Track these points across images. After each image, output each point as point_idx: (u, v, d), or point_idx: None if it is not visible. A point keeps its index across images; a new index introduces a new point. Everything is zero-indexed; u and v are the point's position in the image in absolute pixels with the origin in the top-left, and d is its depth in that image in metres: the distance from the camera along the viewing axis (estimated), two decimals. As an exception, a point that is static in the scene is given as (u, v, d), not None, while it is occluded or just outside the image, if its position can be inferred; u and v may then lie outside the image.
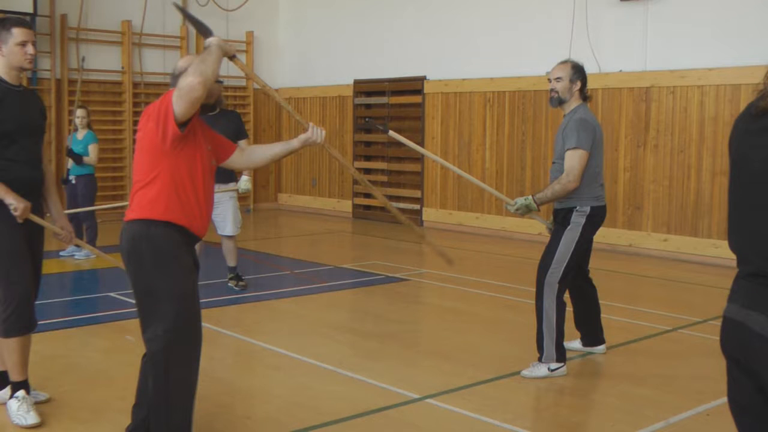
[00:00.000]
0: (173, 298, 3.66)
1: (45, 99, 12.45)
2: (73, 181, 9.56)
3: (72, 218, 9.19)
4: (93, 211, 9.49)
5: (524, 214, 5.32)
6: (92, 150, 9.52)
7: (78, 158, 9.39)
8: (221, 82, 3.96)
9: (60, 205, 4.72)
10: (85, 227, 9.52)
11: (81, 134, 9.61)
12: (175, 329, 3.65)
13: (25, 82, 11.58)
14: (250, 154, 4.19)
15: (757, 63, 9.09)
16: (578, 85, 5.33)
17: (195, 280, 3.83)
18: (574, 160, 5.19)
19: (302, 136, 4.02)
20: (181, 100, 3.55)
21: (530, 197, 5.23)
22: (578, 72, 5.35)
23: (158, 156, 3.69)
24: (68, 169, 9.67)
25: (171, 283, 3.68)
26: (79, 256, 9.38)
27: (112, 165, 13.58)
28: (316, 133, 3.98)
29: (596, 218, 5.36)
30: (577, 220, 5.28)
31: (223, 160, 4.12)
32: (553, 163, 5.43)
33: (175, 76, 3.82)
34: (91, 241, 9.55)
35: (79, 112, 9.75)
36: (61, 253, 9.38)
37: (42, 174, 4.50)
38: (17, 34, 4.33)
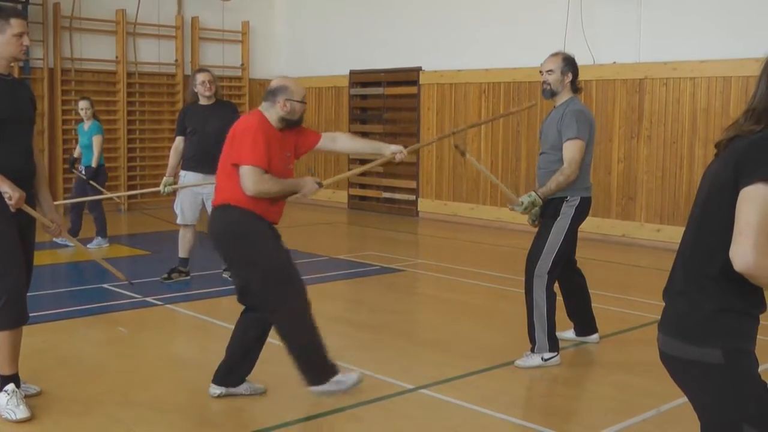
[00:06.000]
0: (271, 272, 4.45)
1: (37, 88, 12.41)
2: (83, 172, 9.53)
3: (75, 208, 9.23)
4: (100, 201, 9.40)
5: (528, 211, 5.30)
6: (96, 143, 9.45)
7: (89, 172, 9.39)
8: (303, 103, 4.47)
9: (50, 198, 4.65)
10: (93, 217, 9.49)
11: (87, 125, 9.57)
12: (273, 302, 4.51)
13: (17, 72, 11.55)
14: (335, 141, 4.81)
15: (747, 56, 9.09)
16: (569, 77, 5.36)
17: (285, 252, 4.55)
18: (574, 150, 5.21)
19: (389, 154, 4.85)
20: (242, 182, 4.30)
21: (533, 193, 5.22)
22: (569, 64, 5.38)
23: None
24: (77, 158, 9.66)
25: (269, 260, 4.45)
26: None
27: (107, 155, 13.46)
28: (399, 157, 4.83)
29: (584, 209, 5.41)
30: (567, 211, 5.32)
31: (304, 152, 4.71)
32: (541, 153, 5.45)
33: (268, 92, 4.46)
34: (100, 231, 9.52)
35: (82, 104, 9.66)
36: (56, 240, 9.32)
37: (33, 164, 4.44)
38: (15, 25, 4.29)
